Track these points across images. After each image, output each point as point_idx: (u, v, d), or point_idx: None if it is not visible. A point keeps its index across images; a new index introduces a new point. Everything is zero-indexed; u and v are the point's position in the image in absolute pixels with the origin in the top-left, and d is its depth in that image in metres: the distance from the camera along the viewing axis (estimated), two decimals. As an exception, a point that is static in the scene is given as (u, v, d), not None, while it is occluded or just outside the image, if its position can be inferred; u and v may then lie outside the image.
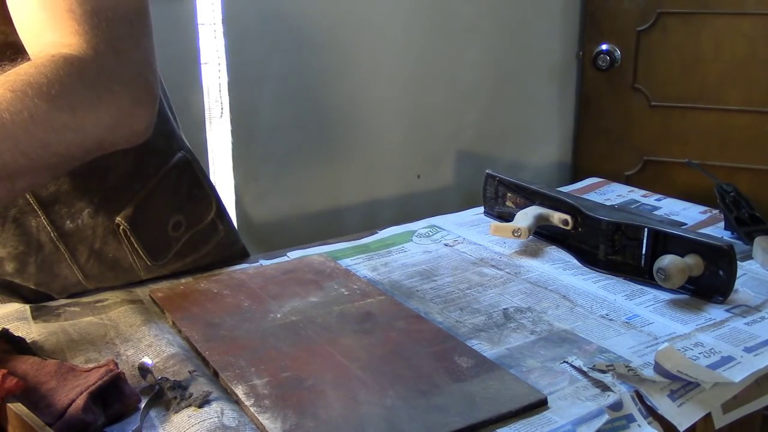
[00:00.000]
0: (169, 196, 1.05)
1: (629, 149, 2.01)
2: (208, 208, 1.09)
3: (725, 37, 1.84)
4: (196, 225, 1.08)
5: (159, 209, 1.04)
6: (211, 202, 1.10)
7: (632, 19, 1.92)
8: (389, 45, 1.68)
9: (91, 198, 0.98)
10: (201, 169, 1.09)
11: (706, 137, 1.91)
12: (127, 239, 1.01)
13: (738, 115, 1.87)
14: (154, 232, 1.04)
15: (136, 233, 1.01)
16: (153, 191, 1.03)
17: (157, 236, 1.04)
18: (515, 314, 0.97)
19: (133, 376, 0.80)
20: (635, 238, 1.07)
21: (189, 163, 1.07)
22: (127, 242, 1.01)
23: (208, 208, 1.09)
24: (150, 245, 1.03)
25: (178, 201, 1.06)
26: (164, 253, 1.05)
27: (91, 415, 0.71)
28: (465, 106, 1.87)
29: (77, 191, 0.97)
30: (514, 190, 1.27)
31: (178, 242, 1.07)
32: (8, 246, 0.97)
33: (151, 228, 1.03)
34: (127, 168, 1.00)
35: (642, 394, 0.80)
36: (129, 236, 1.00)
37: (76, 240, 0.99)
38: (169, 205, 1.05)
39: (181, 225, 1.06)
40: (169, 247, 1.06)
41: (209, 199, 1.10)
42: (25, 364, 0.76)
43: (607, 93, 2.00)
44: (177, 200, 1.06)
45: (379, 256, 1.16)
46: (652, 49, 1.93)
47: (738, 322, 0.95)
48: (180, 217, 1.06)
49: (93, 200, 0.98)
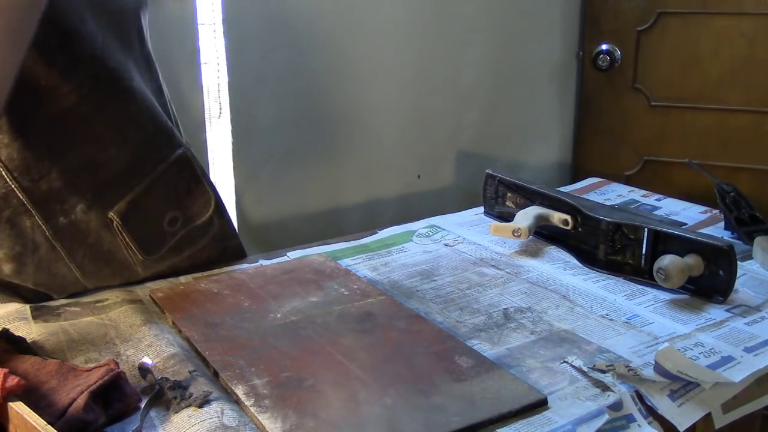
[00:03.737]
0: (166, 192, 1.05)
1: (629, 149, 2.01)
2: (206, 205, 1.10)
3: (725, 37, 1.84)
4: (194, 221, 1.09)
5: (155, 205, 1.04)
6: (209, 198, 1.10)
7: (632, 19, 1.92)
8: (389, 45, 1.68)
9: (83, 193, 0.98)
10: (200, 166, 1.09)
11: (706, 137, 1.91)
12: (120, 233, 1.01)
13: (738, 115, 1.87)
14: (149, 227, 1.04)
15: (129, 228, 1.01)
16: (150, 186, 1.03)
17: (152, 231, 1.04)
18: (515, 314, 0.97)
19: (133, 376, 0.81)
20: (635, 238, 1.07)
21: (188, 160, 1.07)
22: (121, 236, 1.01)
23: (207, 205, 1.10)
24: (143, 240, 1.03)
25: (176, 197, 1.06)
26: (157, 248, 1.05)
27: (91, 414, 0.71)
28: (465, 107, 1.87)
29: (70, 187, 0.97)
30: (514, 190, 1.27)
31: (173, 237, 1.07)
32: (4, 247, 0.97)
33: (146, 223, 1.03)
34: (122, 163, 1.00)
35: (642, 394, 0.80)
36: (121, 231, 1.01)
37: (71, 236, 0.99)
38: (166, 200, 1.05)
39: (178, 220, 1.07)
40: (163, 242, 1.06)
41: (208, 195, 1.10)
42: (26, 363, 0.76)
43: (607, 93, 2.00)
44: (175, 196, 1.06)
45: (379, 256, 1.16)
46: (652, 49, 1.92)
47: (738, 322, 0.95)
48: (177, 213, 1.06)
49: (86, 195, 0.98)
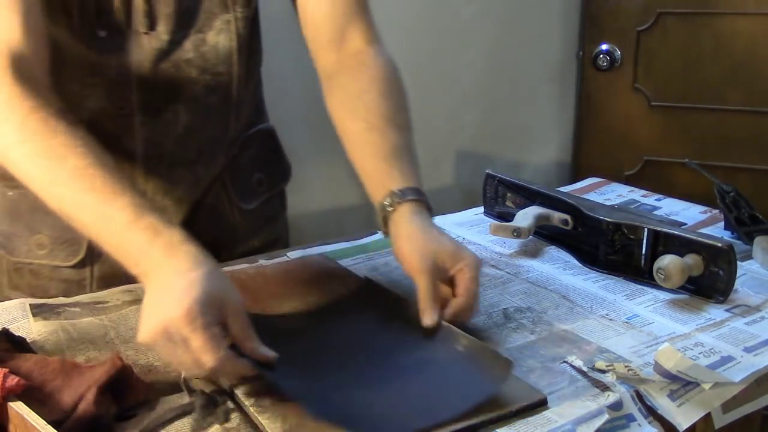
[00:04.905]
0: (253, 155, 1.16)
1: (629, 149, 2.01)
2: (285, 176, 1.24)
3: (725, 37, 1.84)
4: (274, 188, 1.21)
5: (245, 163, 1.15)
6: (287, 171, 1.24)
7: (632, 19, 1.93)
8: (389, 45, 1.68)
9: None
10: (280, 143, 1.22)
11: (706, 137, 1.91)
12: (223, 186, 1.12)
13: (738, 115, 1.87)
14: (243, 182, 1.16)
15: (231, 181, 1.13)
16: (242, 148, 1.14)
17: (245, 186, 1.16)
18: (515, 314, 0.97)
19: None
20: (635, 238, 1.07)
21: (272, 132, 1.22)
22: (223, 189, 1.13)
23: (285, 177, 1.24)
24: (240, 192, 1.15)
25: (261, 161, 1.18)
26: (251, 200, 1.17)
27: (102, 407, 0.71)
28: (465, 106, 1.87)
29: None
30: (514, 190, 1.27)
31: (260, 197, 1.19)
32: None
33: (241, 178, 1.15)
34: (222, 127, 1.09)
35: (642, 393, 0.80)
36: (225, 183, 1.12)
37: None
38: (253, 162, 1.16)
39: (263, 182, 1.19)
40: (254, 196, 1.18)
41: (287, 167, 1.24)
42: (29, 362, 0.76)
43: (607, 93, 2.00)
44: (260, 160, 1.18)
45: (379, 256, 1.16)
46: (652, 49, 1.93)
47: (738, 322, 0.95)
48: (262, 175, 1.18)
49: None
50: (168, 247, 0.76)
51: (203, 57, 1.01)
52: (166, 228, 0.77)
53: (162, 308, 0.72)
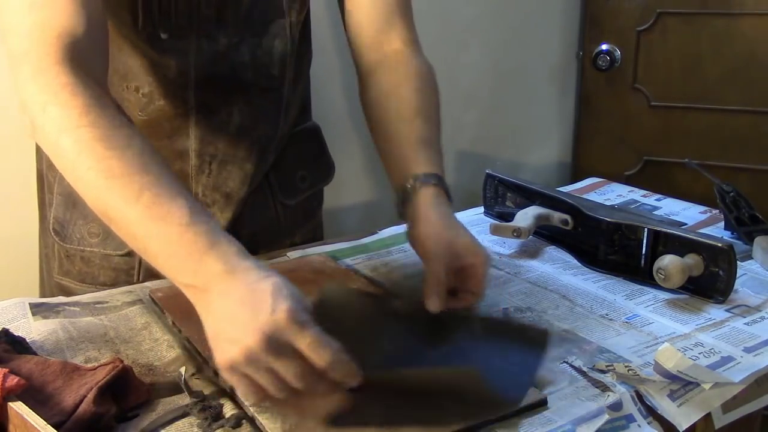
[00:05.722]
0: (297, 152, 1.17)
1: (629, 149, 2.02)
2: (329, 173, 1.25)
3: (725, 37, 1.84)
4: (317, 185, 1.22)
5: (290, 160, 1.16)
6: (330, 169, 1.25)
7: (632, 19, 1.93)
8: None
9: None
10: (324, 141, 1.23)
11: (706, 137, 1.91)
12: (267, 181, 1.13)
13: (738, 115, 1.87)
14: (287, 178, 1.17)
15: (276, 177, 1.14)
16: (287, 145, 1.15)
17: (289, 181, 1.17)
18: (515, 314, 0.97)
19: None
20: (635, 238, 1.07)
21: (318, 131, 1.22)
22: (267, 184, 1.14)
23: (329, 175, 1.25)
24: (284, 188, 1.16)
25: (304, 158, 1.19)
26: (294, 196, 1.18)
27: (103, 407, 0.71)
28: (465, 107, 1.87)
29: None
30: (514, 190, 1.27)
31: (302, 194, 1.19)
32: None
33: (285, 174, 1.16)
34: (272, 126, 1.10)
35: (642, 394, 0.80)
36: (269, 178, 1.14)
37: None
38: (297, 159, 1.17)
39: (306, 179, 1.19)
40: (297, 192, 1.18)
41: (330, 165, 1.25)
42: (30, 363, 0.76)
43: (607, 93, 2.00)
44: (304, 157, 1.19)
45: (379, 256, 1.16)
46: (652, 49, 1.93)
47: (738, 322, 0.95)
48: (305, 172, 1.19)
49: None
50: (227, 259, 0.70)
51: (259, 60, 1.03)
52: (224, 237, 0.72)
53: (255, 316, 0.66)
